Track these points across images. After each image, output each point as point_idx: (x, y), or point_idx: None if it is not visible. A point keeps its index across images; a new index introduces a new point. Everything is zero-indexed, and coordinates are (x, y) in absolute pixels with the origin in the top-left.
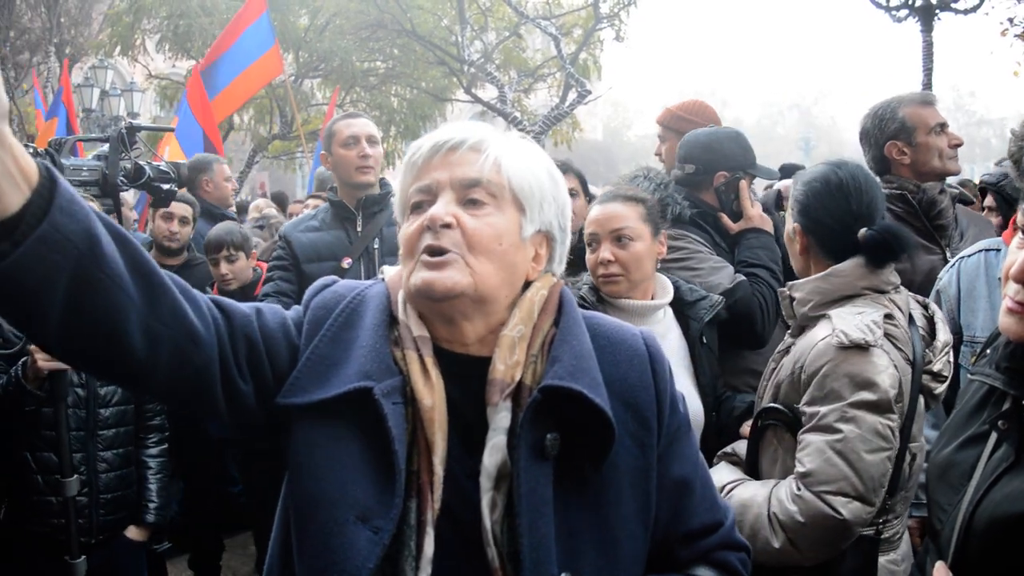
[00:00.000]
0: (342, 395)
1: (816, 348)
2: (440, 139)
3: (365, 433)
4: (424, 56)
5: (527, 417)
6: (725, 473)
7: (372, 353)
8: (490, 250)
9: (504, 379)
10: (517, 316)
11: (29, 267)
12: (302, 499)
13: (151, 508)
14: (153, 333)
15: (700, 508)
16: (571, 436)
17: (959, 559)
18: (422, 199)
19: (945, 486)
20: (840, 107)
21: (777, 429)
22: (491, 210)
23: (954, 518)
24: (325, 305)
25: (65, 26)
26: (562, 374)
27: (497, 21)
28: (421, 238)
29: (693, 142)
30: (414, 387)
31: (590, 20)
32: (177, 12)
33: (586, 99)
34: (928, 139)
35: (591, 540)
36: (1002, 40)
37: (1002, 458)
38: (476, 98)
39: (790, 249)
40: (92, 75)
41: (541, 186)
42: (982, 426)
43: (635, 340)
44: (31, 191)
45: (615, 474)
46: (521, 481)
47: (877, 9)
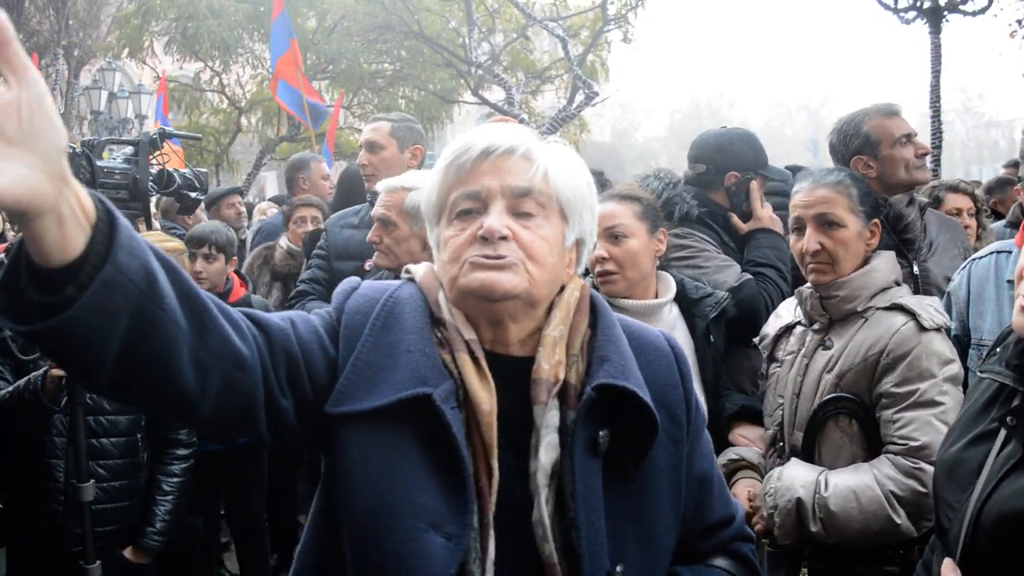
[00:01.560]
0: (399, 401)
1: (900, 334)
2: (491, 143)
3: (423, 439)
4: (431, 58)
5: (581, 415)
6: (803, 469)
7: (424, 358)
8: (544, 260)
9: (549, 378)
10: (557, 317)
11: (94, 311)
12: (361, 509)
13: (150, 532)
14: (203, 364)
15: (718, 503)
16: (616, 433)
17: (967, 556)
18: (471, 206)
19: (953, 484)
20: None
21: (839, 419)
22: (541, 221)
23: (962, 515)
24: (359, 310)
25: (73, 28)
26: (615, 373)
27: (505, 23)
28: (473, 246)
29: (704, 142)
30: (470, 391)
31: (598, 22)
32: (185, 14)
33: (593, 101)
34: (893, 151)
35: (633, 534)
36: (1011, 42)
37: (1010, 455)
38: (483, 100)
39: (856, 247)
40: (100, 77)
41: (583, 197)
42: (990, 424)
43: (659, 340)
44: (91, 228)
45: (654, 470)
46: (576, 477)
47: (885, 11)
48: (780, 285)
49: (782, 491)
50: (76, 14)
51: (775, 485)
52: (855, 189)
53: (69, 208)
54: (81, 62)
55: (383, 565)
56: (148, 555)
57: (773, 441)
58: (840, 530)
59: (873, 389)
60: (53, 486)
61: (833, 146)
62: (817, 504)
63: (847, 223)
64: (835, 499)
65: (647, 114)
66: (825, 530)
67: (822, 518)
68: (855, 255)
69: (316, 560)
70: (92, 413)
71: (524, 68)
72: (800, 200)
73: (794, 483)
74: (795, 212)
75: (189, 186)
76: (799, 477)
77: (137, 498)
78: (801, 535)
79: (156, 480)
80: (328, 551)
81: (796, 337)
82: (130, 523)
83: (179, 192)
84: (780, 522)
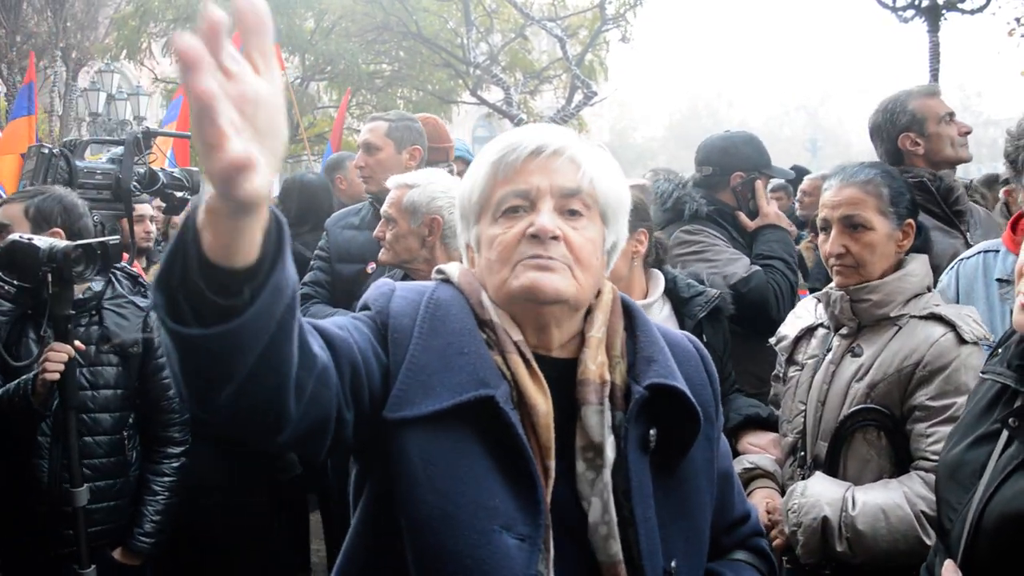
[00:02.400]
0: (460, 404)
1: (938, 345)
2: (542, 143)
3: (486, 440)
4: (430, 58)
5: (633, 414)
6: (828, 485)
7: (480, 360)
8: (590, 263)
9: (595, 379)
10: (599, 319)
11: (260, 317)
12: (428, 514)
13: (138, 534)
14: (300, 382)
15: (738, 500)
16: (662, 429)
17: (968, 558)
18: (519, 204)
19: (955, 485)
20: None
21: (867, 431)
22: (587, 222)
23: (964, 517)
24: (404, 313)
25: (71, 30)
26: (664, 373)
27: (503, 23)
28: (522, 245)
29: (710, 146)
30: (525, 392)
31: (596, 21)
32: (183, 16)
33: (592, 101)
34: (939, 128)
35: (678, 529)
36: (1009, 40)
37: (1012, 456)
38: (482, 100)
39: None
40: (98, 79)
41: (622, 200)
42: (993, 425)
43: (685, 342)
44: (265, 229)
45: (693, 466)
46: (632, 476)
47: (883, 9)
48: (788, 275)
49: (807, 508)
50: (74, 16)
51: (799, 501)
52: (886, 188)
53: (260, 214)
54: (79, 64)
55: (457, 570)
56: (138, 557)
57: (793, 450)
58: (867, 550)
59: (905, 401)
60: (37, 487)
61: (878, 125)
62: (844, 523)
63: (875, 225)
64: (863, 518)
65: (646, 114)
66: (851, 550)
67: (848, 537)
68: (883, 258)
69: (363, 571)
70: (79, 411)
71: (522, 68)
72: (828, 199)
73: (819, 500)
74: (822, 211)
75: (176, 185)
76: (825, 494)
77: (126, 498)
78: (825, 554)
79: (146, 479)
80: (378, 559)
81: (819, 340)
82: (119, 524)
83: (164, 191)
84: (804, 540)
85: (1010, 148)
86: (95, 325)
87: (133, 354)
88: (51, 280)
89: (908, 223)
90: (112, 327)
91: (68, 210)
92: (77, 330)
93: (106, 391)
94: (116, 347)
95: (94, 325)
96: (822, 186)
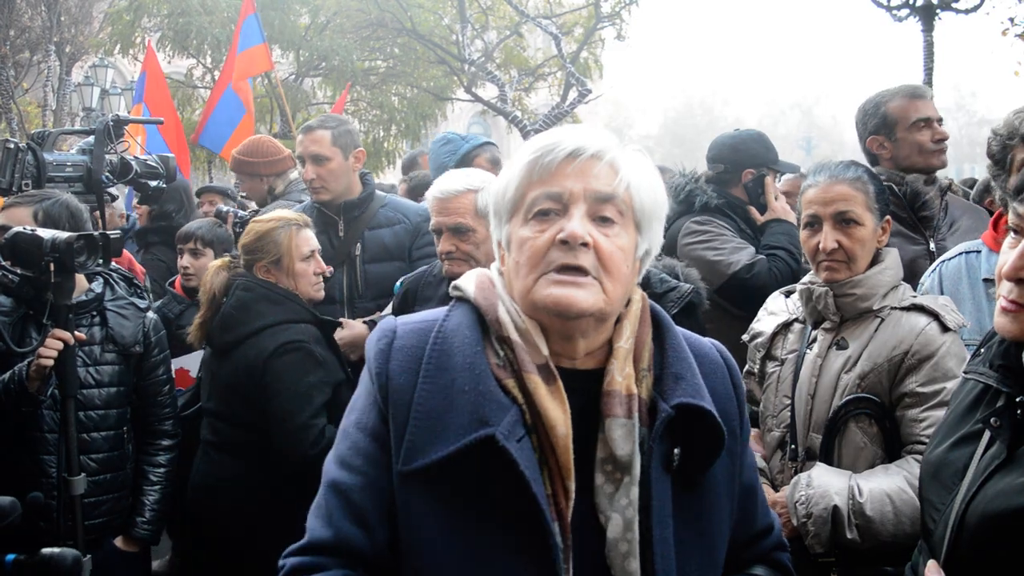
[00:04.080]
0: (463, 448)
1: (925, 334)
2: (580, 145)
3: (497, 478)
4: (425, 55)
5: (659, 432)
6: (833, 474)
7: (478, 396)
8: (620, 273)
9: (621, 391)
10: (628, 329)
11: None
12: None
13: (140, 522)
14: None
15: (760, 512)
16: (686, 447)
17: (951, 557)
18: (551, 207)
19: (938, 485)
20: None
21: (860, 419)
22: (619, 230)
23: (947, 517)
24: (404, 369)
25: (65, 24)
26: (691, 392)
27: (498, 20)
28: (551, 251)
29: (721, 144)
30: (544, 414)
31: (591, 19)
32: (177, 10)
33: (587, 98)
34: (908, 134)
35: (695, 547)
36: (1003, 40)
37: (994, 456)
38: (477, 97)
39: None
40: (93, 74)
41: (658, 207)
42: (975, 425)
43: (713, 352)
44: None
45: (713, 482)
46: (653, 493)
47: (878, 8)
48: (790, 263)
49: (816, 498)
50: (68, 10)
51: (806, 493)
52: (872, 186)
53: None
54: (73, 58)
55: None
56: (139, 544)
57: (781, 444)
58: (875, 535)
59: (894, 389)
60: (46, 481)
61: (856, 123)
62: (853, 511)
63: (865, 221)
64: (871, 504)
65: (641, 112)
66: (861, 536)
67: (858, 524)
68: (869, 253)
69: None
70: (82, 408)
71: (517, 65)
72: (816, 196)
73: (828, 490)
74: (811, 208)
75: (151, 174)
76: (833, 483)
77: (125, 490)
78: (834, 542)
79: (143, 471)
80: None
81: (796, 335)
82: (119, 514)
83: (137, 180)
84: (815, 531)
85: (996, 147)
86: (97, 326)
87: (134, 353)
88: (54, 269)
89: (887, 219)
90: (115, 327)
91: (74, 215)
92: (80, 330)
93: (109, 388)
94: (120, 346)
95: (96, 326)
96: (801, 185)
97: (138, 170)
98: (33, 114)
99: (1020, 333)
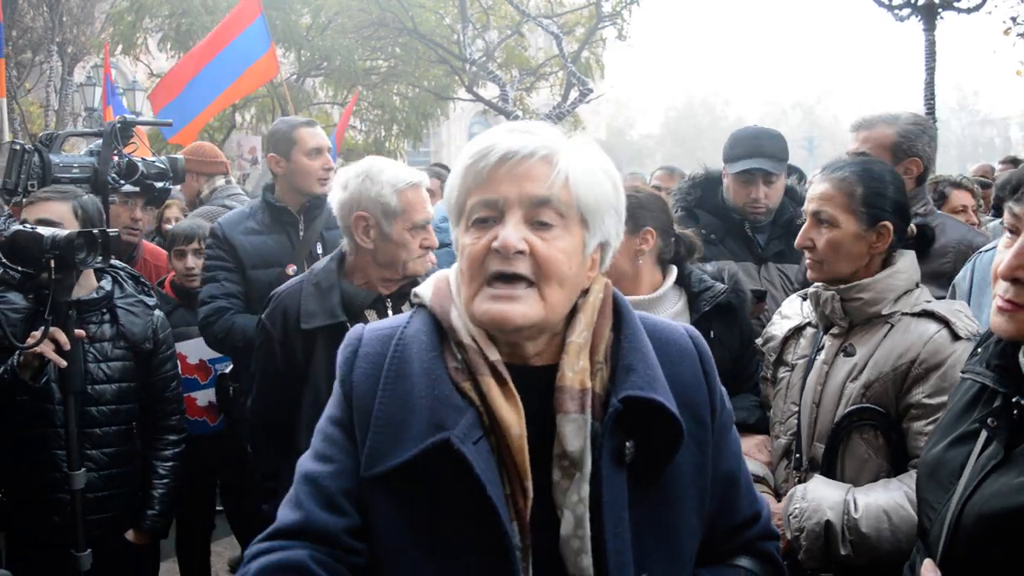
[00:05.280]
0: (420, 454)
1: (933, 343)
2: (509, 149)
3: (458, 481)
4: (426, 55)
5: (608, 426)
6: (829, 487)
7: (435, 401)
8: (561, 275)
9: (573, 386)
10: (582, 322)
11: None
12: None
13: (150, 515)
14: None
15: (744, 501)
16: (641, 442)
17: (947, 557)
18: (487, 215)
19: (935, 485)
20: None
21: (864, 431)
22: (559, 232)
23: (943, 516)
24: (366, 375)
25: (67, 25)
26: (641, 384)
27: (499, 19)
28: (488, 260)
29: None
30: (498, 416)
31: (592, 19)
32: (179, 11)
33: (588, 98)
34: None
35: (656, 538)
36: (1005, 39)
37: (991, 456)
38: (478, 97)
39: (851, 248)
40: (94, 74)
41: (606, 200)
42: (972, 424)
43: (683, 338)
44: None
45: (677, 474)
46: (604, 489)
47: (879, 8)
48: None
49: (808, 512)
50: (70, 11)
51: (800, 506)
52: (860, 187)
53: None
54: (75, 59)
55: None
56: (149, 537)
57: (787, 452)
58: (871, 551)
59: (901, 400)
60: (59, 476)
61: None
62: (847, 526)
63: (840, 223)
64: (866, 520)
65: (642, 111)
66: (855, 553)
67: (852, 540)
68: (849, 257)
69: None
70: (94, 403)
71: (518, 65)
72: (809, 192)
73: (821, 504)
74: (806, 204)
75: (157, 175)
76: (826, 497)
77: (134, 484)
78: (828, 557)
79: (152, 465)
80: None
81: (807, 339)
82: (129, 508)
83: (143, 182)
84: (807, 546)
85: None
86: (107, 323)
87: (144, 350)
88: (54, 266)
89: (883, 224)
90: (126, 324)
91: (101, 213)
92: (90, 328)
93: (121, 384)
94: (130, 343)
95: (106, 323)
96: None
97: (144, 171)
98: (35, 114)
99: (1016, 333)
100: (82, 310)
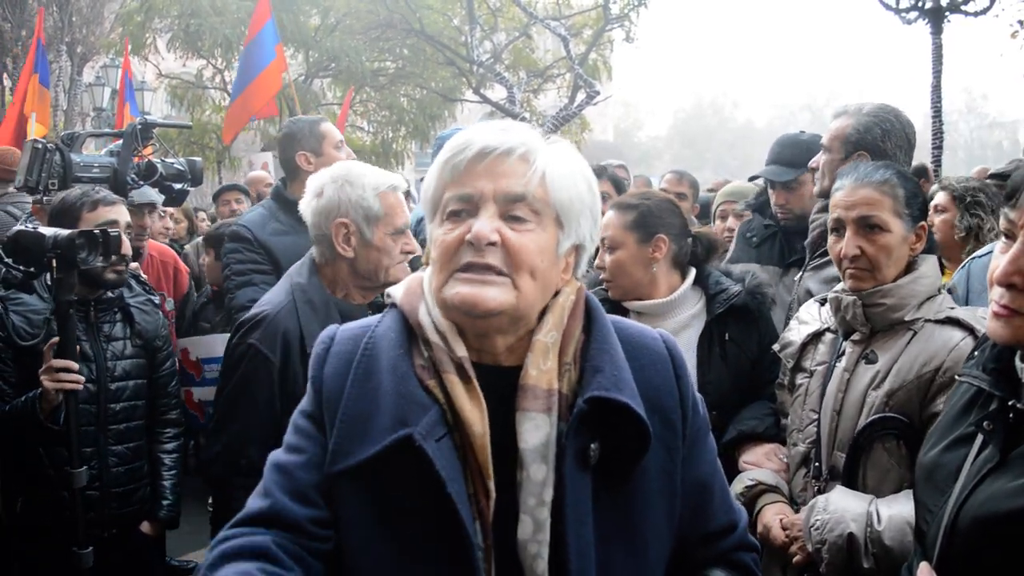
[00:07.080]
0: (383, 450)
1: (958, 350)
2: (488, 144)
3: (421, 478)
4: (433, 56)
5: (572, 427)
6: (851, 498)
7: (400, 397)
8: (533, 267)
9: (538, 385)
10: (550, 322)
11: None
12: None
13: (164, 505)
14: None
15: (719, 510)
16: (607, 444)
17: (943, 560)
18: (461, 208)
19: (931, 488)
20: None
21: (887, 440)
22: (533, 226)
23: (939, 519)
24: (337, 373)
25: (76, 25)
26: (607, 385)
27: (507, 21)
28: (460, 251)
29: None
30: (461, 414)
31: (600, 21)
32: (188, 11)
33: (595, 100)
34: None
35: (622, 544)
36: (1012, 42)
37: (987, 459)
38: (485, 98)
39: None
40: (103, 74)
41: (582, 201)
42: (968, 428)
43: (656, 343)
44: None
45: (644, 478)
46: (567, 491)
47: (887, 11)
48: None
49: (831, 524)
50: (79, 11)
51: (822, 517)
52: (902, 190)
53: None
54: (84, 59)
55: None
56: (163, 527)
57: (805, 460)
58: (894, 564)
59: (924, 409)
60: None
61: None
62: (870, 539)
63: (891, 227)
64: (889, 532)
65: (650, 113)
66: (878, 565)
67: (875, 553)
68: (898, 261)
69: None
70: (115, 400)
71: (526, 67)
72: (841, 199)
73: (844, 516)
74: (835, 211)
75: (176, 176)
76: (849, 508)
77: (148, 477)
78: (850, 570)
79: (158, 458)
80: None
81: (827, 345)
82: (144, 501)
83: (162, 183)
84: (829, 558)
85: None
86: (120, 322)
87: (156, 347)
88: (56, 266)
89: (921, 226)
90: (140, 323)
91: None
92: (103, 326)
93: (137, 380)
94: (144, 341)
95: (120, 322)
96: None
97: (163, 172)
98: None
99: (1012, 338)
100: (97, 310)
